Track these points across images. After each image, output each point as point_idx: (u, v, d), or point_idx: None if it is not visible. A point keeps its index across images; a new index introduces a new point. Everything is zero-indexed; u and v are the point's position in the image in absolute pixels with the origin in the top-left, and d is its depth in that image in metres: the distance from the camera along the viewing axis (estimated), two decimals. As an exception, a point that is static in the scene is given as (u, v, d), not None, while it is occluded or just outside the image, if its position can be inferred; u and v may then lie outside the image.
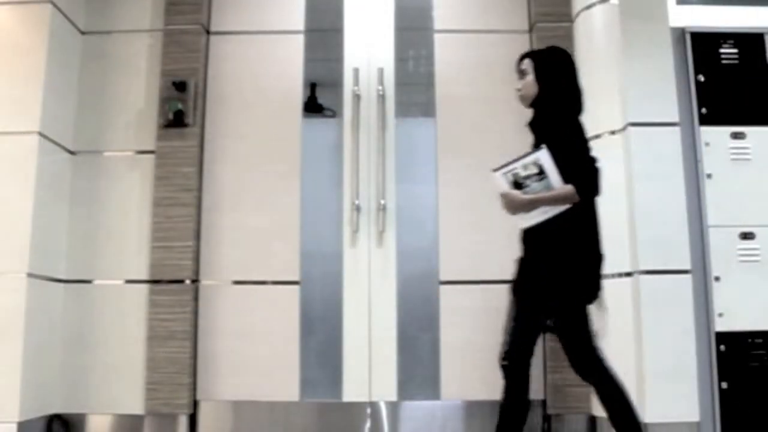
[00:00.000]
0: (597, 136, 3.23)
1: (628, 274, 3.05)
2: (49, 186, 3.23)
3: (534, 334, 2.40)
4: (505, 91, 3.54)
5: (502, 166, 2.40)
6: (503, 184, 2.40)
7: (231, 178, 3.47)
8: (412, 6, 3.70)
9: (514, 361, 2.36)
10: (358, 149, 3.49)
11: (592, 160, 2.37)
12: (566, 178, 2.30)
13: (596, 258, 2.38)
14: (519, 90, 2.54)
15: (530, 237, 2.42)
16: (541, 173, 2.32)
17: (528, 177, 2.35)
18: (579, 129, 2.41)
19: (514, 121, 3.50)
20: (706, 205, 3.13)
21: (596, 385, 2.37)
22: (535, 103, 2.49)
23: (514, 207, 2.38)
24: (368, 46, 3.62)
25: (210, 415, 3.29)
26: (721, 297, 3.07)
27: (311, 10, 3.64)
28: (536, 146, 2.39)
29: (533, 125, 2.47)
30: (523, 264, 2.45)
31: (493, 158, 3.42)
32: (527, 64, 2.51)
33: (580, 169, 2.32)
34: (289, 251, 3.39)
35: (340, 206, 3.46)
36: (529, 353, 2.37)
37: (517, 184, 2.37)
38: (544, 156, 2.31)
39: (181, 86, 3.39)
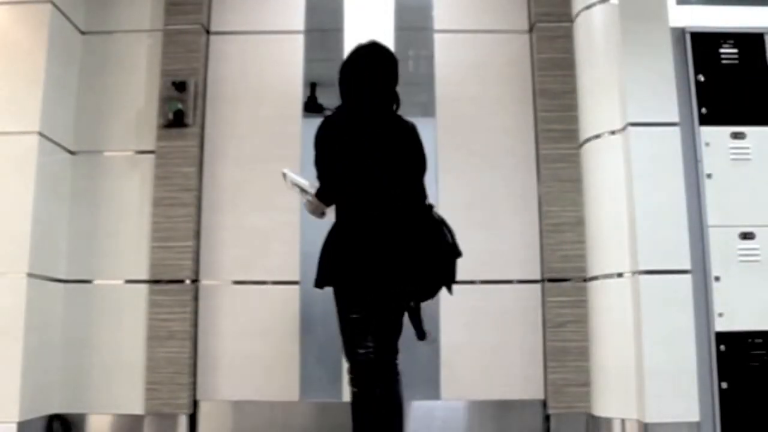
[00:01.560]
0: (597, 136, 3.24)
1: (628, 274, 3.06)
2: (49, 186, 3.22)
3: (355, 330, 2.41)
4: (505, 91, 3.56)
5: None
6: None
7: (231, 178, 3.47)
8: (412, 6, 3.70)
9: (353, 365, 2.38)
10: (358, 149, 3.49)
11: (333, 165, 2.35)
12: None
13: (367, 266, 2.37)
14: None
15: None
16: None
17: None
18: (334, 132, 2.38)
19: (514, 121, 3.52)
20: (706, 205, 3.13)
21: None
22: None
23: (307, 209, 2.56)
24: (368, 46, 3.62)
25: (210, 415, 3.29)
26: (721, 297, 3.07)
27: (311, 10, 3.63)
28: None
29: None
30: None
31: (493, 158, 3.49)
32: None
33: (318, 173, 2.40)
34: (289, 251, 3.39)
35: (340, 206, 3.46)
36: (354, 351, 2.39)
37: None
38: (288, 174, 2.54)
39: (181, 86, 3.39)
